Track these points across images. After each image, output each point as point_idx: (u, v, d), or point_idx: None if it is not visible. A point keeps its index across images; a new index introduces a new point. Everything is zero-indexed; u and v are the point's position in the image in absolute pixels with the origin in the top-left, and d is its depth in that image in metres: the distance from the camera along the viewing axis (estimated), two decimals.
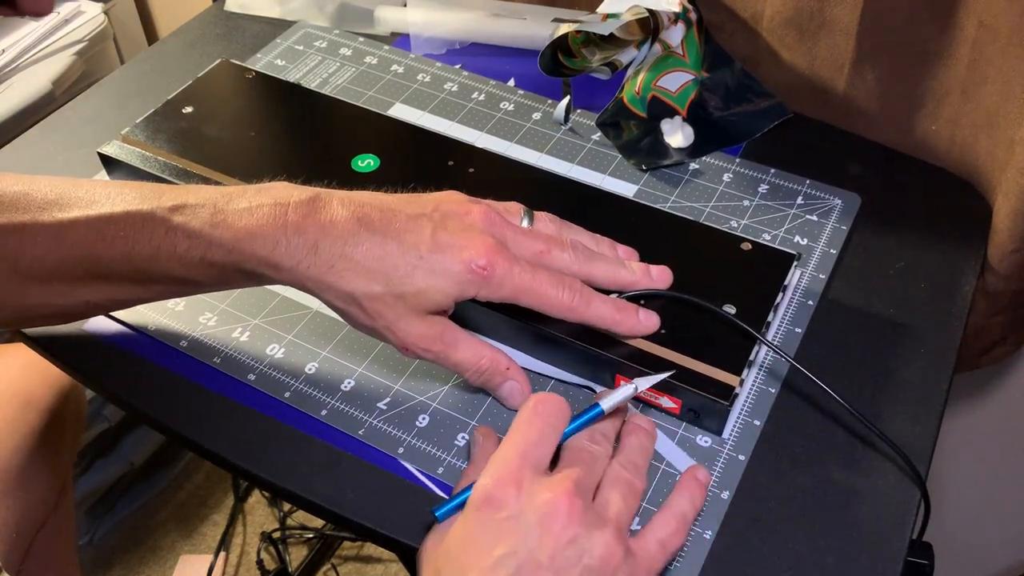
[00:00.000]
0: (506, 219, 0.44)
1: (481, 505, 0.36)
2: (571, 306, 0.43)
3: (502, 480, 0.36)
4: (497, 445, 0.39)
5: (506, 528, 0.35)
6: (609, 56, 0.59)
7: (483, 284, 0.42)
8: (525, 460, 0.37)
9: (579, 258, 0.45)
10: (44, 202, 0.42)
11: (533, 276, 0.42)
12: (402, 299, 0.41)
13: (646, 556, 0.37)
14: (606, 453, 0.40)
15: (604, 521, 0.36)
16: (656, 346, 0.44)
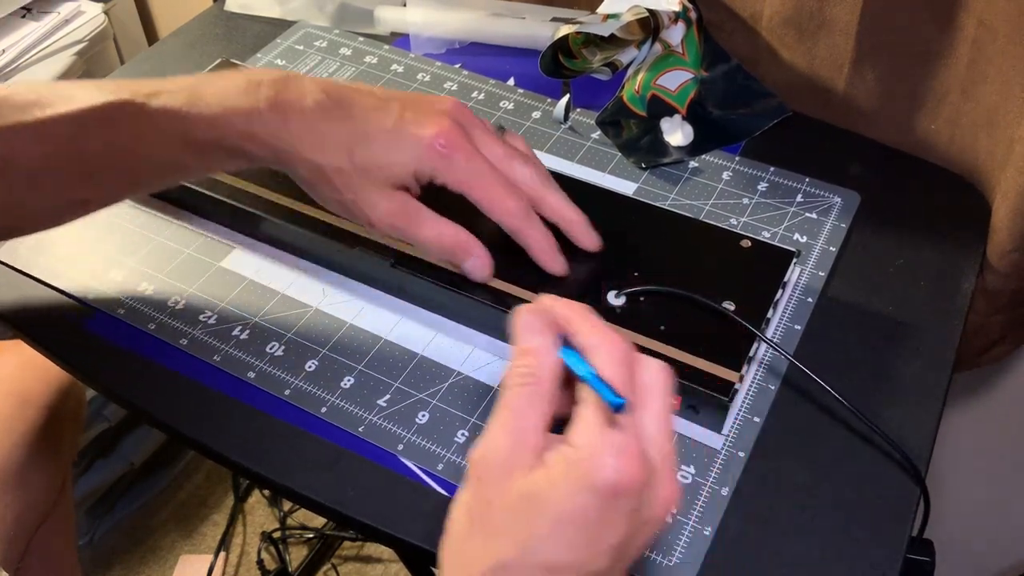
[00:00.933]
0: (477, 118, 0.46)
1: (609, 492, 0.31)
2: (515, 214, 0.45)
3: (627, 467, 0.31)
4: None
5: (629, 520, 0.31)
6: (609, 56, 0.59)
7: (441, 163, 0.43)
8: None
9: (537, 177, 0.46)
10: (24, 103, 0.42)
11: (490, 171, 0.44)
12: (366, 172, 0.43)
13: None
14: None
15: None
16: (656, 342, 0.44)
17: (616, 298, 0.45)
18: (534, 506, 0.31)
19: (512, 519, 0.31)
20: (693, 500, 0.42)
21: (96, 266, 0.53)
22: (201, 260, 0.53)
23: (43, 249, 0.55)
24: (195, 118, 0.42)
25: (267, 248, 0.53)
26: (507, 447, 0.32)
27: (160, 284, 0.52)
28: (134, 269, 0.53)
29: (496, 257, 0.48)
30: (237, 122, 0.42)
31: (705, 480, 0.42)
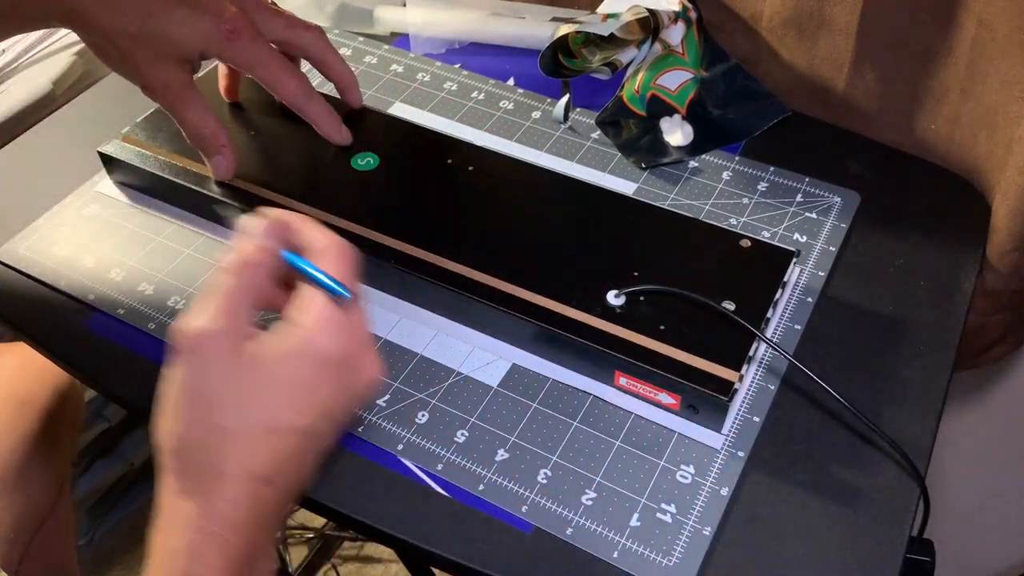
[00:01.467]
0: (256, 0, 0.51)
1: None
2: (296, 94, 0.51)
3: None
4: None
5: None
6: (609, 56, 0.59)
7: (226, 45, 0.48)
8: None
9: (320, 40, 0.53)
10: None
11: (272, 54, 0.50)
12: (151, 43, 0.46)
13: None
14: None
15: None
16: (656, 342, 0.44)
17: (616, 298, 0.45)
18: (254, 373, 0.34)
19: (234, 386, 0.33)
20: (692, 500, 0.42)
21: (96, 266, 0.53)
22: (201, 260, 0.53)
23: (43, 250, 0.55)
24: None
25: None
26: (224, 322, 0.34)
27: (160, 284, 0.52)
28: (134, 269, 0.53)
29: (498, 258, 0.48)
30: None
31: (704, 480, 0.42)
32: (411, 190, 0.53)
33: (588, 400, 0.46)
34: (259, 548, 0.34)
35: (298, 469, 0.35)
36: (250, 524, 0.34)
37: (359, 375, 0.36)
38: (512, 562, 0.40)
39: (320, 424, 0.35)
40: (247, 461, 0.33)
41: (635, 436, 0.44)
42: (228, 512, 0.33)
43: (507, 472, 0.43)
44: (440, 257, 0.48)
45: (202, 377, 0.34)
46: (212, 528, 0.33)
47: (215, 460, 0.33)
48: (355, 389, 0.36)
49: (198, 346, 0.34)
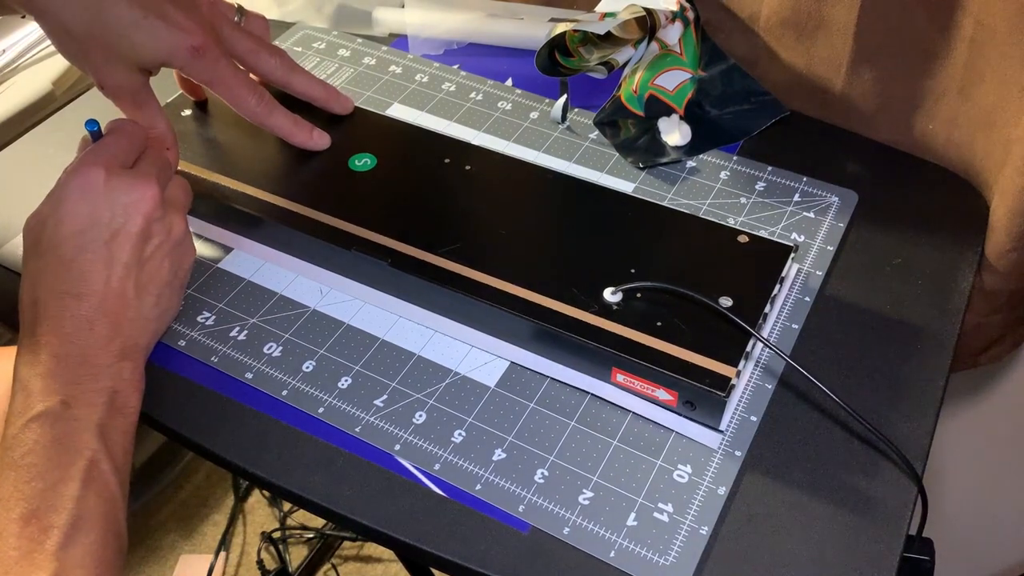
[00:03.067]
0: (226, 14, 0.53)
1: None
2: (255, 111, 0.53)
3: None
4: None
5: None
6: (606, 55, 0.59)
7: (189, 62, 0.49)
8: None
9: (283, 66, 0.54)
10: None
11: (234, 74, 0.51)
12: (115, 48, 0.47)
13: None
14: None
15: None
16: (652, 338, 0.44)
17: (613, 294, 0.46)
18: (36, 224, 0.45)
19: (31, 244, 0.45)
20: (689, 499, 0.42)
21: None
22: (199, 261, 0.53)
23: None
24: None
25: (265, 249, 0.54)
26: (36, 212, 0.46)
27: None
28: None
29: (496, 257, 0.48)
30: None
31: (701, 479, 0.42)
32: (408, 190, 0.53)
33: (585, 400, 0.46)
34: (89, 348, 0.42)
35: (100, 277, 0.43)
36: (71, 328, 0.42)
37: (117, 197, 0.44)
38: (509, 562, 0.40)
39: (80, 239, 0.43)
40: (46, 284, 0.43)
41: (632, 436, 0.44)
42: (48, 323, 0.42)
43: (504, 472, 0.43)
44: (437, 257, 0.48)
45: (22, 249, 0.46)
46: (39, 338, 0.42)
47: (34, 293, 0.43)
48: (121, 212, 0.44)
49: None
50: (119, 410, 0.42)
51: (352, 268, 0.51)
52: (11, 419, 0.40)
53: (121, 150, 0.46)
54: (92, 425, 0.40)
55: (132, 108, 0.50)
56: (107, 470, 0.40)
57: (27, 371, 0.41)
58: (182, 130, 0.57)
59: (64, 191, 0.44)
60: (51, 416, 0.40)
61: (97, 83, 0.49)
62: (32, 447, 0.39)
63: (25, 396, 0.40)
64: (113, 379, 0.42)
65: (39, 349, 0.41)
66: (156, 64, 0.49)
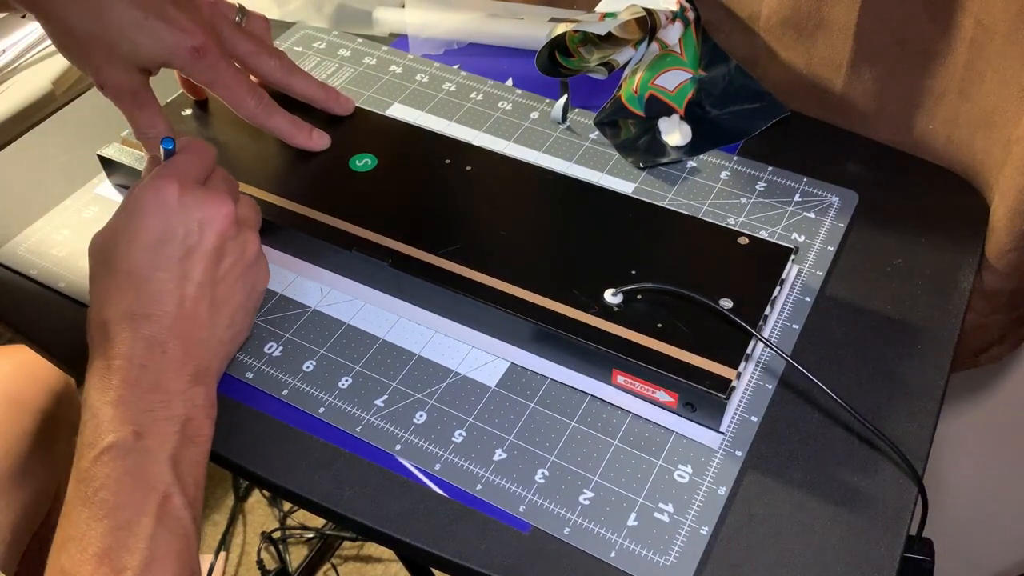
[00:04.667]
0: (227, 15, 0.52)
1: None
2: (255, 113, 0.53)
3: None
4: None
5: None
6: (606, 56, 0.59)
7: (190, 63, 0.49)
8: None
9: (283, 67, 0.54)
10: None
11: (234, 76, 0.51)
12: (116, 48, 0.47)
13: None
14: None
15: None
16: (653, 340, 0.44)
17: (613, 296, 0.46)
18: (107, 241, 0.43)
19: (100, 261, 0.43)
20: (690, 500, 0.42)
21: None
22: None
23: (42, 252, 0.55)
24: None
25: (265, 249, 0.53)
26: (104, 230, 0.44)
27: None
28: None
29: (496, 257, 0.48)
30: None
31: (702, 479, 0.42)
32: (409, 191, 0.53)
33: (586, 400, 0.46)
34: (162, 372, 0.40)
35: (173, 298, 0.42)
36: (143, 351, 0.40)
37: (192, 213, 0.42)
38: (510, 562, 0.40)
39: (176, 251, 0.42)
40: (116, 304, 0.41)
41: (633, 436, 0.44)
42: (119, 346, 0.40)
43: (505, 472, 0.43)
44: (438, 257, 0.48)
45: (89, 268, 0.44)
46: (111, 362, 0.40)
47: (102, 315, 0.41)
48: (200, 223, 0.43)
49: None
50: (191, 439, 0.40)
51: (352, 268, 0.51)
52: (83, 450, 0.39)
53: (194, 167, 0.45)
54: (165, 457, 0.39)
55: (132, 108, 0.50)
56: (180, 504, 0.38)
57: (97, 398, 0.39)
58: (182, 130, 0.57)
59: (136, 206, 0.43)
60: (122, 448, 0.38)
61: (97, 83, 0.49)
62: (104, 482, 0.37)
63: (96, 425, 0.39)
64: (186, 406, 0.40)
65: (110, 374, 0.40)
66: (156, 65, 0.49)
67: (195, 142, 0.47)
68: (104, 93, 0.49)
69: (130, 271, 0.41)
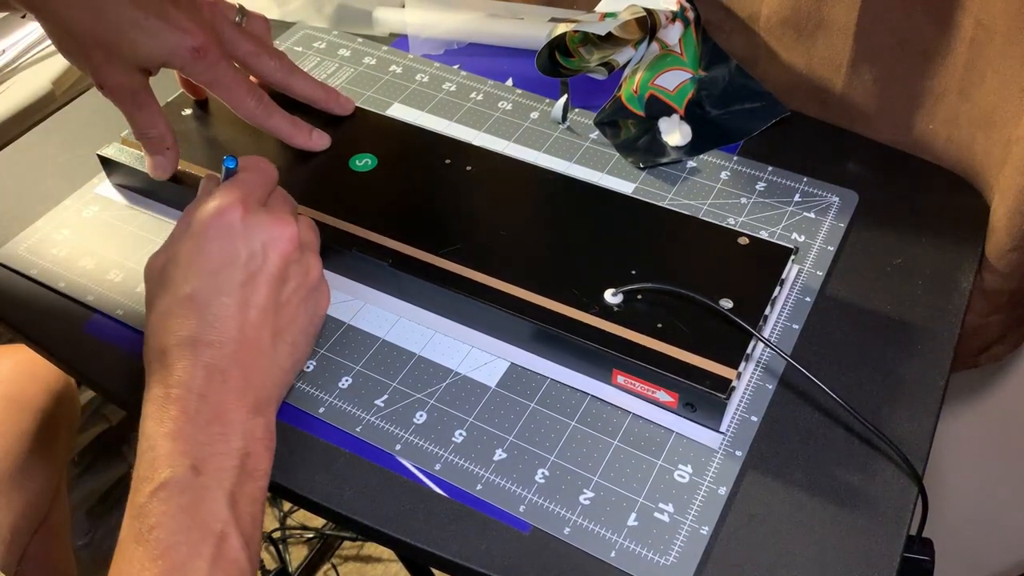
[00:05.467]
0: (227, 15, 0.52)
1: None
2: (254, 113, 0.52)
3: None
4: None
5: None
6: (606, 56, 0.59)
7: (190, 63, 0.49)
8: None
9: (283, 68, 0.54)
10: None
11: (234, 76, 0.51)
12: (116, 48, 0.47)
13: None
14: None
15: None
16: (653, 340, 0.44)
17: (614, 296, 0.46)
18: (168, 264, 0.41)
19: (160, 283, 0.41)
20: (690, 499, 0.42)
21: (95, 268, 0.53)
22: None
23: (42, 251, 0.55)
24: None
25: None
26: (161, 252, 0.43)
27: None
28: (133, 270, 0.53)
29: (496, 257, 0.48)
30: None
31: (702, 479, 0.42)
32: (409, 191, 0.53)
33: (586, 400, 0.46)
34: (222, 403, 0.39)
35: (235, 323, 0.40)
36: (203, 380, 0.39)
37: (255, 233, 0.41)
38: (510, 562, 0.40)
39: (239, 277, 0.40)
40: (176, 330, 0.39)
41: (633, 436, 0.44)
42: (178, 374, 0.39)
43: (505, 472, 0.43)
44: (438, 257, 0.48)
45: (152, 297, 0.42)
46: (169, 391, 0.38)
47: (158, 342, 0.40)
48: (264, 244, 0.41)
49: (148, 278, 0.43)
50: (250, 474, 0.38)
51: (353, 268, 0.51)
52: (138, 484, 0.37)
53: (256, 187, 0.44)
54: (222, 494, 0.37)
55: (132, 108, 0.49)
56: (237, 545, 0.36)
57: (154, 428, 0.38)
58: (182, 129, 0.57)
59: (198, 229, 0.41)
60: (179, 484, 0.36)
61: (97, 83, 0.48)
62: (160, 519, 0.36)
63: (152, 458, 0.37)
64: (245, 439, 0.39)
65: (168, 404, 0.38)
66: (156, 65, 0.49)
67: (257, 161, 0.46)
68: (104, 93, 0.49)
69: (191, 296, 0.40)
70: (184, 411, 0.38)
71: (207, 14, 0.50)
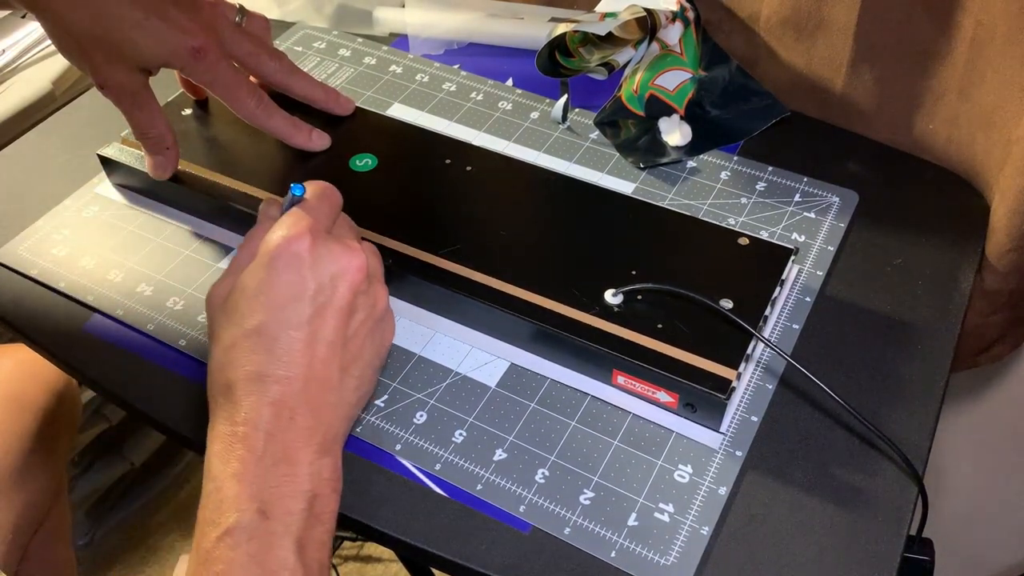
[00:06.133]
0: (227, 16, 0.52)
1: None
2: (255, 114, 0.52)
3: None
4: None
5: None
6: (607, 56, 0.59)
7: (190, 64, 0.49)
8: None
9: (283, 69, 0.54)
10: None
11: (234, 76, 0.51)
12: (116, 48, 0.47)
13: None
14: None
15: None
16: (653, 340, 0.44)
17: (614, 296, 0.46)
18: (237, 296, 0.39)
19: (227, 314, 0.39)
20: (690, 499, 0.42)
21: (95, 268, 0.53)
22: (200, 261, 0.54)
23: (42, 251, 0.55)
24: None
25: None
26: (225, 282, 0.41)
27: (159, 285, 0.52)
28: (133, 270, 0.53)
29: (496, 257, 0.48)
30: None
31: (702, 479, 0.42)
32: (409, 191, 0.53)
33: (586, 400, 0.46)
34: (290, 443, 0.37)
35: (304, 359, 0.38)
36: (271, 418, 0.37)
37: (326, 264, 0.40)
38: (510, 562, 0.40)
39: (306, 311, 0.39)
40: (242, 364, 0.38)
41: (633, 436, 0.44)
42: (245, 411, 0.37)
43: (505, 472, 0.43)
44: (438, 258, 0.48)
45: (209, 325, 0.41)
46: (236, 428, 0.37)
47: (224, 376, 0.38)
48: (333, 276, 0.40)
49: (206, 307, 0.42)
50: (317, 517, 0.37)
51: None
52: (204, 527, 0.36)
53: (324, 215, 0.42)
54: (290, 541, 0.35)
55: (132, 108, 0.50)
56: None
57: (220, 467, 0.37)
58: (182, 129, 0.57)
59: (267, 260, 0.39)
60: (247, 530, 0.35)
61: (97, 83, 0.48)
62: (227, 566, 0.35)
63: (219, 500, 0.36)
64: (313, 481, 0.37)
65: (234, 442, 0.37)
66: (157, 65, 0.49)
67: (324, 187, 0.44)
68: (104, 93, 0.49)
69: (259, 330, 0.38)
70: (251, 451, 0.36)
71: (207, 14, 0.50)
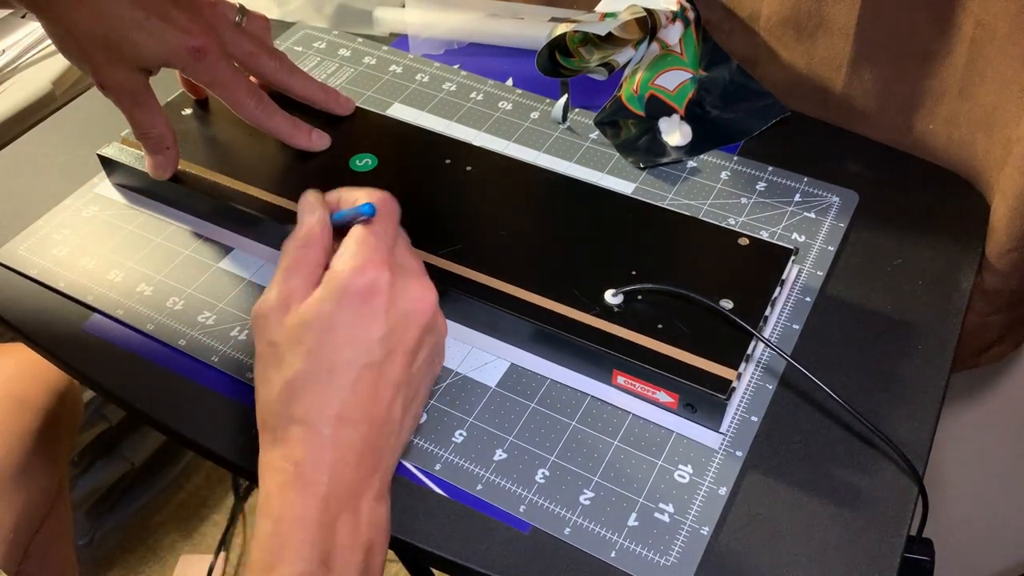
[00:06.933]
0: (227, 16, 0.52)
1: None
2: (255, 114, 0.52)
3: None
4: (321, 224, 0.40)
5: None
6: (607, 56, 0.59)
7: (190, 64, 0.49)
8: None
9: (283, 69, 0.54)
10: None
11: (234, 77, 0.51)
12: (116, 48, 0.47)
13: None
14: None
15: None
16: (653, 340, 0.44)
17: (614, 297, 0.46)
18: (306, 326, 0.36)
19: (284, 345, 0.37)
20: (690, 500, 0.42)
21: (95, 267, 0.53)
22: (199, 261, 0.54)
23: (42, 251, 0.55)
24: None
25: (265, 249, 0.54)
26: (277, 295, 0.38)
27: (159, 285, 0.52)
28: (133, 270, 0.53)
29: (496, 258, 0.48)
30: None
31: (702, 479, 0.42)
32: (409, 191, 0.53)
33: (586, 400, 0.46)
34: (353, 488, 0.36)
35: (372, 401, 0.37)
36: (333, 462, 0.35)
37: (403, 298, 0.38)
38: (510, 562, 0.40)
39: (379, 353, 0.37)
40: (310, 405, 0.36)
41: (633, 436, 0.44)
42: (308, 452, 0.35)
43: (505, 472, 0.43)
44: (438, 258, 0.48)
45: (263, 345, 0.38)
46: (299, 469, 0.35)
47: (287, 410, 0.36)
48: (406, 314, 0.38)
49: (256, 321, 0.38)
50: (370, 567, 0.36)
51: None
52: (261, 570, 0.34)
53: (391, 237, 0.40)
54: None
55: (132, 108, 0.50)
56: None
57: (281, 509, 0.35)
58: (183, 129, 0.57)
59: (339, 291, 0.36)
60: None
61: (97, 83, 0.48)
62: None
63: (278, 544, 0.34)
64: (371, 530, 0.36)
65: (297, 482, 0.35)
66: (157, 65, 0.49)
67: (387, 201, 0.41)
68: (104, 93, 0.49)
69: (332, 370, 0.36)
70: (315, 495, 0.35)
71: (207, 14, 0.50)
